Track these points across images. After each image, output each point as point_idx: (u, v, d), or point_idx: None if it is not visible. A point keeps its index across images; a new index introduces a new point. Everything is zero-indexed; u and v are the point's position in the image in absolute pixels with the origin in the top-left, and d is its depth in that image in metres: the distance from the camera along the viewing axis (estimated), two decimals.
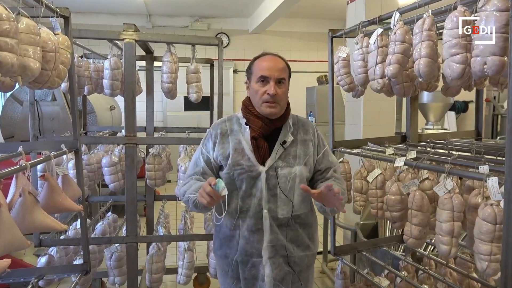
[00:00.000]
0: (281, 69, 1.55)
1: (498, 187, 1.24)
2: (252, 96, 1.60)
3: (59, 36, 1.62)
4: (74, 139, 1.90)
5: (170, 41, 2.37)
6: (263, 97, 1.53)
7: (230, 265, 1.63)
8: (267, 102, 1.53)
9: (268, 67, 1.53)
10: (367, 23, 1.87)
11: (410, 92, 1.88)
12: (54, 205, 1.56)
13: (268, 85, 1.52)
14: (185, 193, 1.58)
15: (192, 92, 2.52)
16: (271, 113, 1.54)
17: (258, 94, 1.54)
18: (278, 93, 1.52)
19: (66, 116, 3.99)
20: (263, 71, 1.53)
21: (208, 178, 1.42)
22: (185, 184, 1.63)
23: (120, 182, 2.61)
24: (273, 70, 1.53)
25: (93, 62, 2.65)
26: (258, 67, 1.56)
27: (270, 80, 1.52)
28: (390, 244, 2.44)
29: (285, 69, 1.57)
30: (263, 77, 1.53)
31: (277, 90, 1.52)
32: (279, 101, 1.54)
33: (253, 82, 1.58)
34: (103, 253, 2.71)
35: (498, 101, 6.73)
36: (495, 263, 1.26)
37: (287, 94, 1.60)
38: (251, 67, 1.60)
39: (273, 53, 1.61)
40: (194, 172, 1.64)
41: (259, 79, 1.54)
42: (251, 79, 1.60)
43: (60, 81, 1.61)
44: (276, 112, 1.55)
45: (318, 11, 7.14)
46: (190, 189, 1.56)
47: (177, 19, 7.31)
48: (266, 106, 1.54)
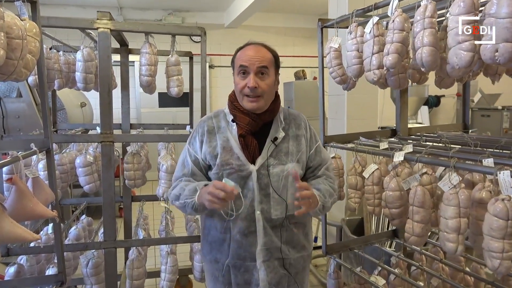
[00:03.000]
0: (263, 58, 1.42)
1: (510, 181, 1.18)
2: (236, 91, 1.49)
3: (26, 22, 1.44)
4: (45, 138, 1.72)
5: (148, 31, 2.20)
6: (244, 90, 1.42)
7: (221, 270, 1.53)
8: (248, 96, 1.42)
9: (249, 57, 1.41)
10: (361, 11, 1.79)
11: (405, 84, 1.82)
12: (24, 212, 1.38)
13: (248, 78, 1.41)
14: (179, 198, 1.45)
15: (173, 86, 2.37)
16: (252, 108, 1.43)
17: (239, 87, 1.44)
18: (260, 85, 1.41)
19: (33, 114, 3.72)
20: (242, 61, 1.42)
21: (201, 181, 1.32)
22: (175, 187, 1.50)
23: (96, 183, 2.43)
24: (253, 59, 1.40)
25: (63, 55, 2.44)
26: (239, 57, 1.45)
27: (250, 71, 1.40)
28: (381, 241, 2.38)
29: (268, 58, 1.45)
30: (243, 68, 1.41)
31: (258, 82, 1.40)
32: (262, 94, 1.42)
33: (235, 75, 1.47)
34: (78, 259, 2.52)
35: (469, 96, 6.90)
36: (507, 260, 1.20)
37: (272, 86, 1.47)
38: (233, 59, 1.49)
39: (257, 42, 1.48)
40: (182, 174, 1.52)
41: (239, 70, 1.43)
42: (234, 71, 1.49)
43: (28, 72, 1.43)
44: (259, 107, 1.44)
45: (294, 6, 7.07)
46: (185, 193, 1.43)
47: (150, 12, 7.06)
48: (247, 101, 1.43)
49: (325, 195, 1.47)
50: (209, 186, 1.33)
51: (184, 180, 1.50)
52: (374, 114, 3.50)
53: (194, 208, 1.41)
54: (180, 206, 1.47)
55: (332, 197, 1.51)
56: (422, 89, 5.95)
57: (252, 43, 1.48)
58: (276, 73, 1.49)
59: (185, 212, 1.49)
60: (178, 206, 1.48)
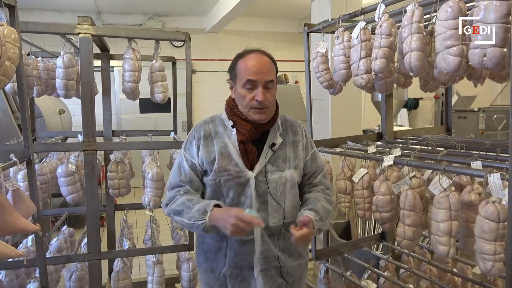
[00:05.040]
0: (269, 71, 1.41)
1: (500, 184, 1.19)
2: (238, 100, 1.45)
3: (5, 28, 1.38)
4: (25, 147, 1.64)
5: (131, 36, 2.15)
6: (251, 103, 1.40)
7: (217, 280, 1.49)
8: (256, 108, 1.40)
9: (255, 70, 1.38)
10: (348, 16, 1.79)
11: (392, 88, 1.83)
12: (4, 226, 1.31)
13: (256, 91, 1.38)
14: (181, 214, 1.39)
15: (158, 92, 2.32)
16: (260, 119, 1.42)
17: (246, 100, 1.40)
18: (268, 98, 1.40)
19: (9, 122, 3.58)
20: (250, 75, 1.38)
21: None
22: (174, 201, 1.43)
23: (79, 193, 2.35)
24: (261, 73, 1.38)
25: (42, 61, 2.36)
26: (243, 69, 1.40)
27: (258, 85, 1.38)
28: (370, 244, 2.39)
29: (272, 69, 1.43)
30: (251, 82, 1.38)
31: (265, 95, 1.39)
32: (268, 106, 1.41)
33: (238, 86, 1.42)
34: (61, 272, 2.43)
35: (451, 99, 7.08)
36: (499, 262, 1.21)
37: (275, 95, 1.47)
38: (234, 68, 1.44)
39: (257, 50, 1.44)
40: (179, 180, 1.47)
41: (246, 83, 1.39)
42: (235, 81, 1.44)
43: (7, 80, 1.38)
44: (266, 118, 1.44)
45: (276, 11, 7.09)
46: (193, 214, 1.36)
47: (129, 17, 6.94)
48: (255, 113, 1.41)
49: (323, 218, 1.42)
50: (230, 214, 1.28)
51: (182, 192, 1.45)
52: (358, 117, 3.53)
53: (204, 229, 1.34)
54: (186, 225, 1.40)
55: (330, 214, 1.48)
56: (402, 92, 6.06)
57: (252, 50, 1.43)
58: (276, 81, 1.48)
59: (191, 230, 1.44)
60: (178, 221, 1.42)
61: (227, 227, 1.26)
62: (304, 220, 1.33)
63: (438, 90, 7.36)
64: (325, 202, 1.48)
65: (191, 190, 1.46)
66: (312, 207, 1.43)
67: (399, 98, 6.19)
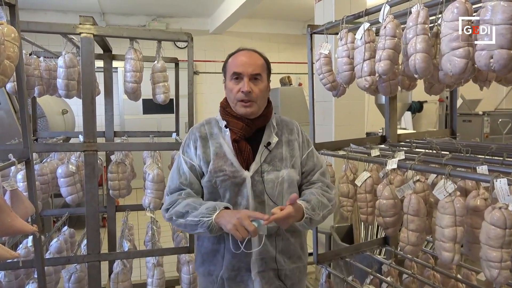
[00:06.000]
0: (256, 64, 1.42)
1: (507, 189, 1.16)
2: (228, 96, 1.47)
3: (4, 27, 1.37)
4: (24, 147, 1.63)
5: (133, 37, 2.14)
6: (237, 95, 1.40)
7: (215, 283, 1.47)
8: (242, 101, 1.40)
9: (242, 62, 1.41)
10: (351, 18, 1.77)
11: (396, 91, 1.80)
12: (1, 227, 1.29)
13: (242, 82, 1.40)
14: (184, 216, 1.35)
15: (159, 92, 2.30)
16: (246, 113, 1.41)
17: (233, 92, 1.42)
18: (254, 90, 1.40)
19: (12, 122, 3.58)
20: (236, 67, 1.41)
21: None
22: (177, 204, 1.40)
23: (79, 193, 2.33)
24: (246, 65, 1.40)
25: (43, 61, 2.35)
26: (232, 63, 1.44)
27: (244, 76, 1.39)
28: (372, 248, 2.36)
29: (261, 64, 1.45)
30: (236, 74, 1.41)
31: (251, 87, 1.39)
32: (255, 100, 1.41)
33: (227, 81, 1.45)
34: (60, 273, 2.41)
35: (456, 102, 7.04)
36: (505, 270, 1.18)
37: (265, 91, 1.47)
38: (225, 65, 1.47)
39: (249, 49, 1.48)
40: (179, 183, 1.45)
41: (232, 76, 1.42)
42: (226, 77, 1.47)
43: (6, 79, 1.36)
44: (253, 112, 1.42)
45: (279, 13, 7.09)
46: (201, 211, 1.33)
47: (133, 18, 6.95)
48: (241, 106, 1.41)
49: (314, 208, 1.39)
50: (237, 215, 1.26)
51: (184, 194, 1.42)
52: (361, 120, 3.51)
53: (209, 227, 1.31)
54: (184, 224, 1.36)
55: (326, 209, 1.44)
56: (406, 94, 6.00)
57: (243, 49, 1.47)
58: (268, 79, 1.49)
59: (190, 231, 1.41)
60: (180, 225, 1.39)
61: (230, 221, 1.25)
62: (292, 199, 1.29)
63: (442, 93, 7.30)
64: (320, 195, 1.44)
65: (193, 193, 1.44)
66: (304, 198, 1.42)
67: (403, 101, 6.14)
